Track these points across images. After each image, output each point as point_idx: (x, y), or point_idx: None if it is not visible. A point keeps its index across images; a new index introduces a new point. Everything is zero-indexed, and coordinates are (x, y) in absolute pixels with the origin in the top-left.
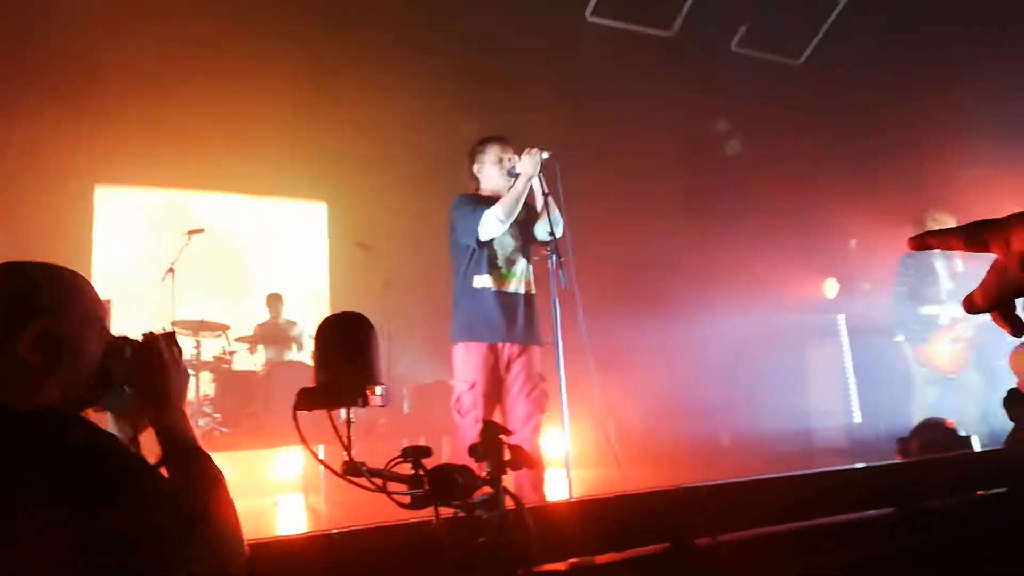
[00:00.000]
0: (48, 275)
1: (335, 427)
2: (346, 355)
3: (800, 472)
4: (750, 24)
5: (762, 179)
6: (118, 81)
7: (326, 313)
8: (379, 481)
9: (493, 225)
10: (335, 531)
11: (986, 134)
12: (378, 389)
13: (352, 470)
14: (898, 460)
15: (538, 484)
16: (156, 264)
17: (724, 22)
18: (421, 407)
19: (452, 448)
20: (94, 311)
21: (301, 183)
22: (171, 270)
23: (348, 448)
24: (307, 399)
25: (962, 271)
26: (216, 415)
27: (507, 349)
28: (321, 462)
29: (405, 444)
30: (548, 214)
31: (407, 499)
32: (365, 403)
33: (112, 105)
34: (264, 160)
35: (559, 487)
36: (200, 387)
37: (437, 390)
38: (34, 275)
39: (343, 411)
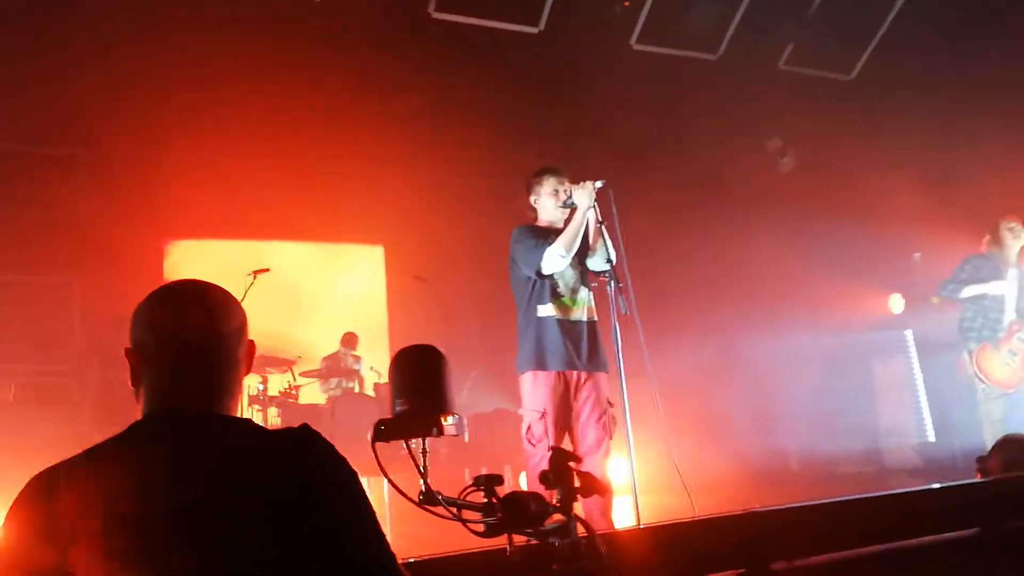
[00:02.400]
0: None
1: (412, 456)
2: (420, 386)
3: (876, 494)
4: (797, 42)
5: (820, 196)
6: (181, 140)
7: (386, 347)
8: (454, 509)
9: (555, 261)
10: (412, 559)
11: None
12: (450, 419)
13: (429, 499)
14: (978, 479)
15: (607, 511)
16: None
17: (770, 42)
18: (482, 436)
19: (528, 478)
20: None
21: (358, 228)
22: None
23: (425, 477)
24: (385, 431)
25: None
26: None
27: (575, 376)
28: (400, 492)
29: (467, 473)
30: (604, 242)
31: (481, 527)
32: (440, 433)
33: (175, 163)
34: (322, 208)
35: (626, 514)
36: (267, 421)
37: (498, 419)
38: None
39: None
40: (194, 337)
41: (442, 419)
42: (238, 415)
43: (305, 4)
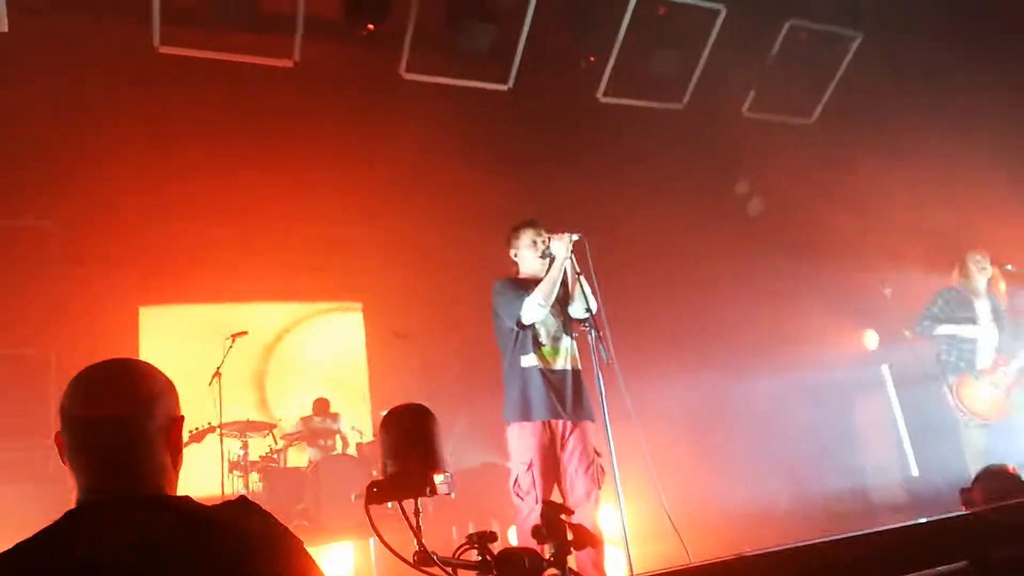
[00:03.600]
0: (162, 374)
1: (407, 517)
2: (411, 447)
3: (864, 531)
4: (758, 89)
5: (789, 237)
6: (153, 207)
7: (368, 405)
8: (449, 569)
9: (534, 310)
10: None
11: (1016, 171)
12: (438, 478)
13: (424, 559)
14: (963, 511)
15: (599, 562)
16: (202, 371)
17: (732, 89)
18: (469, 491)
19: (518, 531)
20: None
21: (336, 287)
22: (217, 374)
23: (419, 537)
24: (378, 492)
25: (1004, 309)
26: None
27: (560, 426)
28: (396, 554)
29: (454, 530)
30: (583, 292)
31: None
32: (433, 492)
33: (147, 230)
34: (299, 268)
35: (619, 564)
36: (249, 487)
37: (484, 473)
38: (158, 372)
39: (409, 501)
40: (96, 423)
41: (434, 478)
42: (175, 492)
43: (275, 69)
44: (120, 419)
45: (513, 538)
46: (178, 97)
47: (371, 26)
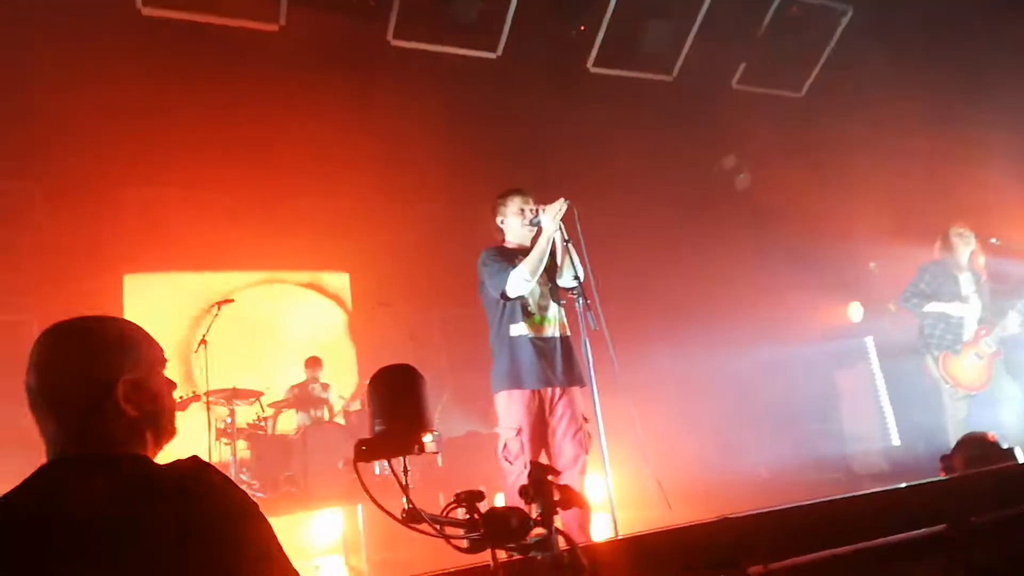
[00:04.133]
0: (119, 330)
1: (395, 474)
2: (399, 406)
3: (845, 495)
4: (748, 61)
5: (776, 210)
6: (138, 173)
7: (355, 375)
8: (437, 526)
9: (520, 283)
10: None
11: (1001, 147)
12: (427, 436)
13: (413, 517)
14: (943, 477)
15: (585, 525)
16: (188, 339)
17: (722, 62)
18: (455, 459)
19: (505, 496)
20: (159, 357)
21: (323, 256)
22: (203, 342)
23: (407, 495)
24: (366, 451)
25: (984, 281)
26: (253, 481)
27: (549, 393)
28: (385, 511)
29: (441, 497)
30: (571, 260)
31: (464, 543)
32: (421, 450)
33: (133, 196)
34: (286, 237)
35: (604, 529)
36: (236, 455)
37: (470, 441)
38: (108, 332)
39: (397, 461)
40: (40, 384)
41: (422, 437)
42: (143, 452)
43: (262, 34)
44: (54, 386)
45: (500, 503)
46: (163, 61)
47: None
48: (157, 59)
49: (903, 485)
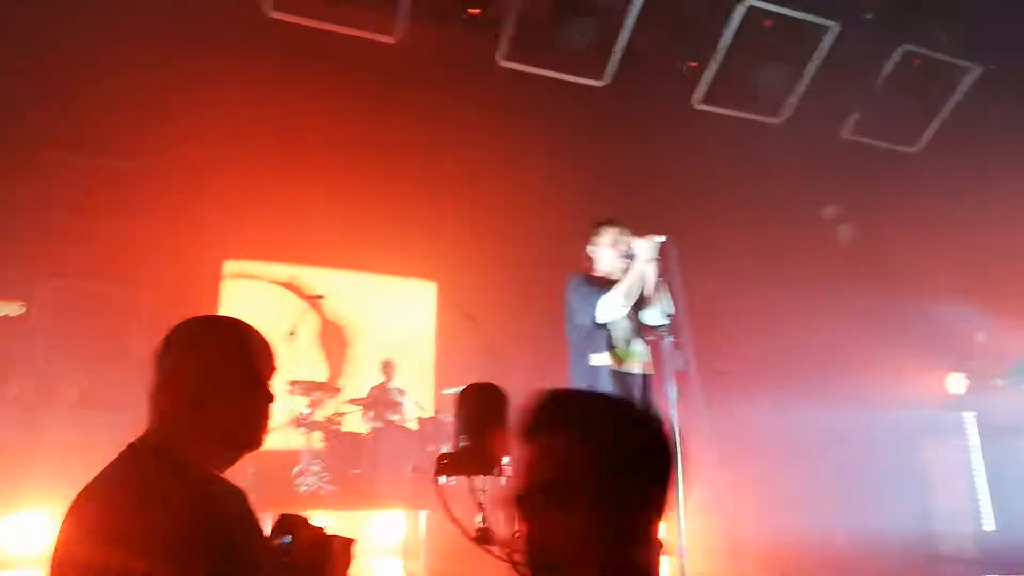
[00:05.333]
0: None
1: (474, 494)
2: (485, 425)
3: None
4: (862, 112)
5: (880, 267)
6: (245, 164)
7: (431, 382)
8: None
9: (612, 309)
10: None
11: None
12: (507, 459)
13: (485, 538)
14: None
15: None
16: (277, 328)
17: (834, 110)
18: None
19: None
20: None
21: (414, 263)
22: (292, 333)
23: (484, 516)
24: (447, 465)
25: None
26: (324, 474)
27: None
28: (460, 527)
29: (503, 516)
30: (663, 297)
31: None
32: (500, 473)
33: (239, 186)
34: (380, 240)
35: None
36: (311, 445)
37: None
38: (198, 328)
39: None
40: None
41: (503, 459)
42: (184, 441)
43: (377, 44)
44: (159, 370)
45: None
46: (279, 63)
47: (475, 11)
48: (277, 60)
49: None
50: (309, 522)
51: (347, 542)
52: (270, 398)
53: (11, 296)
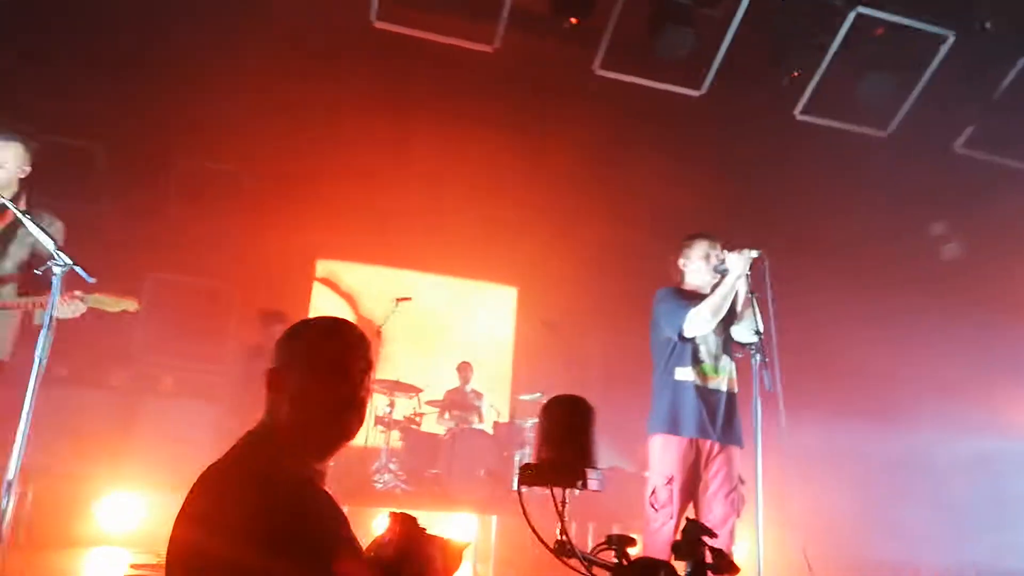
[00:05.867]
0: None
1: (556, 506)
2: (568, 437)
3: None
4: (976, 126)
5: (987, 290)
6: (339, 167)
7: (508, 387)
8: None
9: (700, 323)
10: None
11: None
12: (592, 473)
13: (564, 550)
14: None
15: None
16: (365, 327)
17: (946, 123)
18: (594, 493)
19: (644, 543)
20: None
21: (496, 268)
22: (378, 332)
23: (564, 529)
24: (531, 475)
25: None
26: (400, 473)
27: (707, 446)
28: (539, 538)
29: (573, 526)
30: (754, 313)
31: None
32: (584, 486)
33: (331, 188)
34: (464, 245)
35: None
36: (389, 444)
37: (611, 476)
38: (304, 327)
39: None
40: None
41: (587, 472)
42: (280, 434)
43: (475, 53)
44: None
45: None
46: (378, 73)
47: (575, 20)
48: (379, 67)
49: None
50: (415, 523)
51: (458, 547)
52: (357, 391)
53: (126, 292)
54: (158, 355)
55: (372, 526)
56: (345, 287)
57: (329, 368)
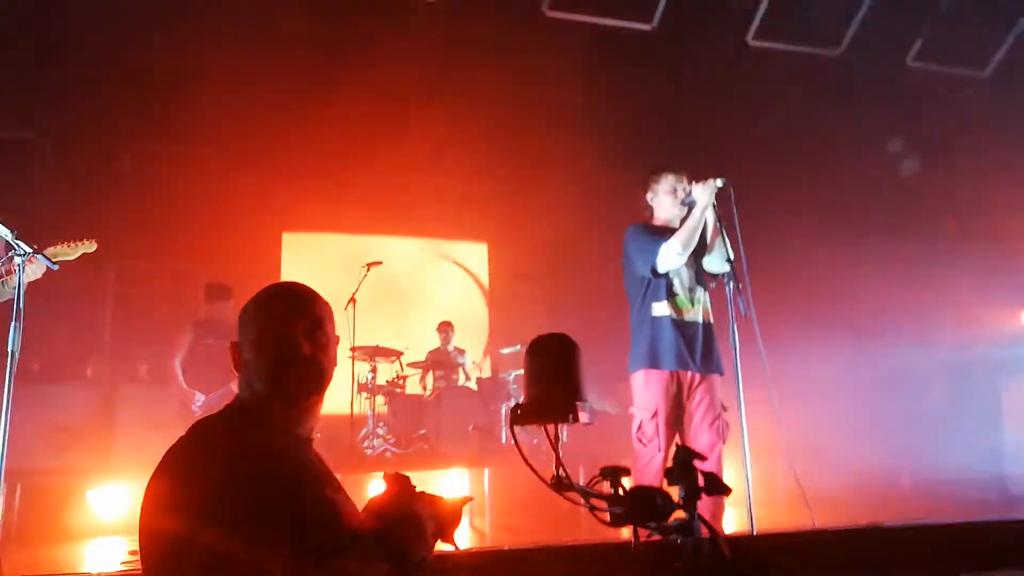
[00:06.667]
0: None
1: (550, 440)
2: (556, 373)
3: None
4: (927, 37)
5: (948, 203)
6: (297, 139)
7: (485, 343)
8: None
9: (671, 257)
10: (535, 547)
11: None
12: (584, 406)
13: (561, 485)
14: None
15: (717, 516)
16: (338, 296)
17: (896, 37)
18: (580, 437)
19: (635, 477)
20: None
21: (464, 225)
22: (352, 300)
23: (559, 463)
24: (522, 415)
25: None
26: (389, 437)
27: (688, 377)
28: (537, 474)
29: (562, 472)
30: (724, 242)
31: (607, 517)
32: (575, 419)
33: (292, 161)
34: (430, 205)
35: (735, 522)
36: (375, 409)
37: (597, 420)
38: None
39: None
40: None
41: (577, 406)
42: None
43: (419, 5)
44: None
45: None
46: (324, 31)
47: None
48: (320, 29)
49: None
50: (408, 482)
51: (455, 504)
52: (299, 349)
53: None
54: (130, 344)
55: (366, 492)
56: (314, 258)
57: (267, 331)
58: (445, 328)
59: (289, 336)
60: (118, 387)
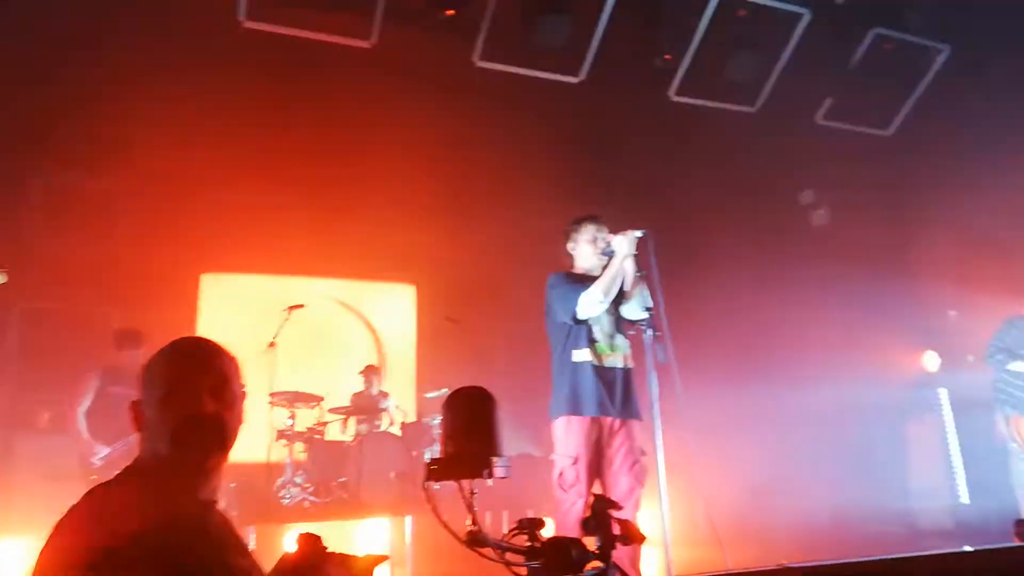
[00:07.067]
0: None
1: (464, 497)
2: (473, 428)
3: (911, 554)
4: (835, 97)
5: (854, 250)
6: (217, 177)
7: (414, 386)
8: (498, 552)
9: (592, 305)
10: None
11: None
12: (500, 461)
13: (476, 540)
14: (1016, 543)
15: (635, 561)
16: (258, 340)
17: (808, 96)
18: (505, 481)
19: (557, 523)
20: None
21: (391, 267)
22: (272, 344)
23: (475, 518)
24: (437, 470)
25: None
26: (307, 485)
27: (608, 422)
28: (450, 531)
29: (488, 516)
30: (642, 291)
31: (524, 571)
32: (490, 475)
33: (212, 200)
34: (357, 246)
35: (655, 565)
36: (293, 456)
37: (522, 463)
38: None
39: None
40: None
41: (493, 461)
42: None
43: (351, 48)
44: None
45: (549, 530)
46: (252, 74)
47: (450, 12)
48: (250, 70)
49: (969, 548)
50: (318, 542)
51: (366, 563)
52: (201, 408)
53: None
54: (33, 390)
55: (282, 544)
56: (234, 300)
57: (170, 388)
58: (369, 372)
59: (193, 394)
60: (17, 434)
